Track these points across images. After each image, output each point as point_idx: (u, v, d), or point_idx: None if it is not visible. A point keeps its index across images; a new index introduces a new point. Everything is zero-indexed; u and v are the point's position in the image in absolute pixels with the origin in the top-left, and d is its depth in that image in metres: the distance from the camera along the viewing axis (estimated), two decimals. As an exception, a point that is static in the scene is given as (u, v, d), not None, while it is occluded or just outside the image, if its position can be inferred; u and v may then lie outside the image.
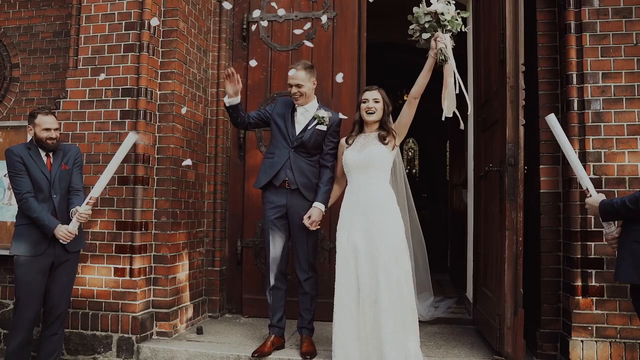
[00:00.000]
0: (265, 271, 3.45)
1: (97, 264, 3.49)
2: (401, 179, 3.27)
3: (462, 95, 3.01)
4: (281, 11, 3.60)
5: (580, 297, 2.96)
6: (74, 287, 3.26)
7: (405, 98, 3.08)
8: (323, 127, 3.23)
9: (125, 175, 3.49)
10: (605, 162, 3.00)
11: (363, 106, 3.08)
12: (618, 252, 2.37)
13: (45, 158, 3.01)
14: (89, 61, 3.62)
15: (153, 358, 3.35)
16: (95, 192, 2.93)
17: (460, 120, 3.08)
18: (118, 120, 3.54)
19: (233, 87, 3.14)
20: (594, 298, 2.95)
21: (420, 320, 3.06)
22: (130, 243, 3.45)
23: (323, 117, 3.22)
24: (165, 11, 3.72)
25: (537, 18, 3.37)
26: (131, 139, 2.97)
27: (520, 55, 2.97)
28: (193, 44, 3.94)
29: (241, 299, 4.20)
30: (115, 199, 3.50)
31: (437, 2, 2.82)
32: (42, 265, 2.91)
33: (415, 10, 2.89)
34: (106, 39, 3.61)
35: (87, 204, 2.92)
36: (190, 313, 3.86)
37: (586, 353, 2.91)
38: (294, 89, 3.23)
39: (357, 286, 2.90)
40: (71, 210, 2.94)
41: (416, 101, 3.01)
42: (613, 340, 2.91)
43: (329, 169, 3.26)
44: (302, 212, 3.16)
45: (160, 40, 3.70)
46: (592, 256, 2.96)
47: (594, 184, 2.62)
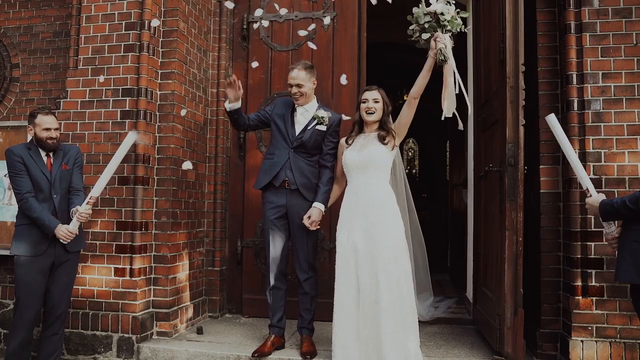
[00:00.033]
0: (265, 271, 3.45)
1: (98, 264, 3.49)
2: (401, 179, 3.27)
3: (462, 95, 3.02)
4: (283, 10, 3.60)
5: (580, 297, 2.97)
6: (74, 287, 3.26)
7: (405, 98, 3.07)
8: (323, 127, 3.24)
9: (125, 175, 3.49)
10: (605, 162, 3.00)
11: (363, 106, 3.08)
12: (618, 252, 2.37)
13: (45, 158, 3.02)
14: (89, 61, 3.63)
15: (153, 358, 3.35)
16: (95, 192, 2.93)
17: (458, 120, 3.08)
18: (118, 120, 3.55)
19: (234, 94, 3.15)
20: (594, 298, 2.95)
21: (420, 320, 3.06)
22: (130, 243, 3.46)
23: (323, 117, 3.22)
24: (165, 11, 3.73)
25: (537, 18, 3.38)
26: (131, 138, 2.98)
27: (520, 55, 2.97)
28: (193, 44, 3.94)
29: (241, 299, 4.20)
30: (115, 199, 3.51)
31: (437, 2, 2.82)
32: (43, 265, 2.91)
33: (414, 10, 2.89)
34: (106, 39, 3.61)
35: (88, 204, 2.92)
36: (190, 313, 3.86)
37: (586, 353, 2.91)
38: (295, 89, 3.23)
39: (357, 286, 2.90)
40: (71, 210, 2.95)
41: (416, 101, 3.01)
42: (613, 340, 2.91)
43: (329, 169, 3.26)
44: (302, 212, 3.16)
45: (160, 40, 3.70)
46: (592, 256, 2.97)
47: (594, 184, 2.62)
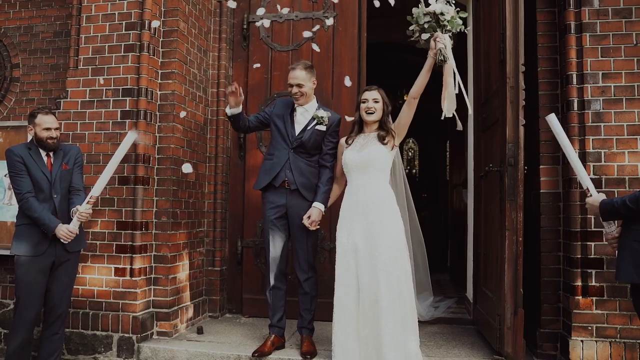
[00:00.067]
0: (265, 271, 3.45)
1: (98, 264, 3.49)
2: (401, 179, 3.27)
3: (462, 95, 3.01)
4: (285, 10, 3.60)
5: (580, 297, 2.97)
6: (75, 287, 3.26)
7: (405, 98, 3.07)
8: (322, 127, 3.24)
9: (125, 175, 3.49)
10: (605, 162, 3.00)
11: (362, 106, 3.08)
12: (618, 252, 2.37)
13: (45, 158, 3.02)
14: (90, 61, 3.63)
15: (153, 358, 3.35)
16: (95, 191, 2.93)
17: (457, 121, 3.07)
18: (118, 120, 3.55)
19: (235, 100, 3.17)
20: (594, 298, 2.95)
21: (419, 320, 3.05)
22: (130, 243, 3.46)
23: (322, 117, 3.22)
24: (165, 11, 3.73)
25: (537, 18, 3.38)
26: (131, 138, 2.97)
27: (520, 55, 2.97)
28: (193, 44, 3.95)
29: (241, 299, 4.20)
30: (115, 199, 3.51)
31: (436, 3, 2.81)
32: (43, 265, 2.91)
33: (414, 11, 2.89)
34: (107, 39, 3.61)
35: (88, 203, 2.92)
36: (190, 313, 3.86)
37: (586, 353, 2.91)
38: (295, 89, 3.23)
39: (357, 286, 2.90)
40: (72, 209, 2.95)
41: (415, 101, 3.01)
42: (613, 340, 2.91)
43: (328, 169, 3.26)
44: (302, 212, 3.16)
45: (160, 40, 3.70)
46: (592, 256, 2.97)
47: (594, 184, 2.61)
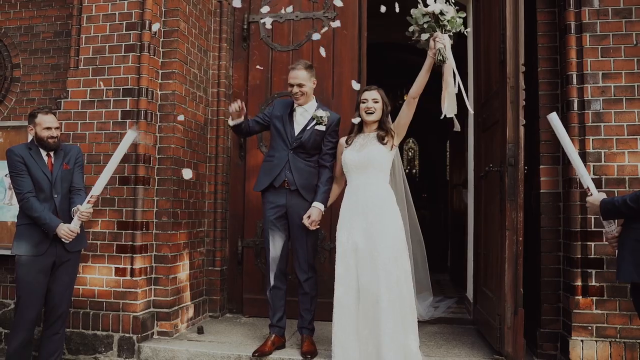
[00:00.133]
0: (265, 271, 3.45)
1: (98, 264, 3.50)
2: (400, 179, 3.27)
3: (462, 95, 3.01)
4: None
5: (580, 297, 2.97)
6: (75, 287, 3.27)
7: (405, 98, 3.07)
8: (322, 127, 3.24)
9: (126, 175, 3.50)
10: (605, 162, 3.01)
11: (362, 106, 3.08)
12: (618, 251, 2.37)
13: (46, 158, 3.02)
14: (90, 61, 3.63)
15: (154, 358, 3.36)
16: (96, 191, 2.93)
17: (455, 122, 3.06)
18: (119, 120, 3.55)
19: (238, 116, 3.20)
20: (594, 298, 2.95)
21: (419, 320, 3.05)
22: (131, 243, 3.46)
23: (321, 117, 3.22)
24: (166, 11, 3.73)
25: (537, 19, 3.38)
26: (130, 137, 2.97)
27: (520, 55, 2.97)
28: (194, 44, 3.95)
29: (242, 299, 4.20)
30: (116, 199, 3.51)
31: (436, 3, 2.81)
32: (44, 265, 2.91)
33: (413, 11, 2.88)
34: (107, 39, 3.62)
35: (88, 203, 2.92)
36: (191, 313, 3.87)
37: (586, 353, 2.92)
38: (295, 89, 3.23)
39: (357, 286, 2.90)
40: (72, 209, 2.95)
41: (415, 101, 3.01)
42: (613, 340, 2.92)
43: (328, 169, 3.26)
44: (302, 212, 3.16)
45: (161, 40, 3.71)
46: (592, 256, 2.97)
47: (594, 184, 2.61)
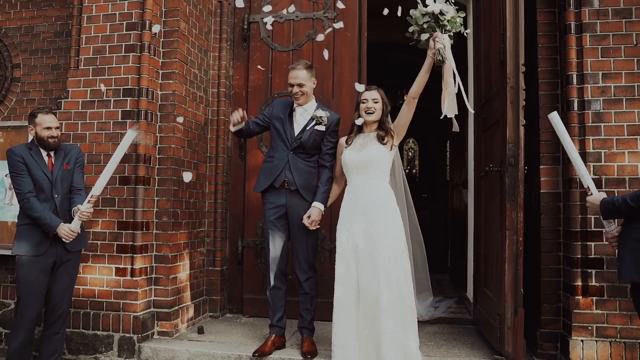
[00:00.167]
0: (265, 271, 3.45)
1: (99, 264, 3.50)
2: (400, 180, 3.26)
3: (461, 95, 3.01)
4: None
5: (580, 297, 2.97)
6: (76, 287, 3.27)
7: (405, 98, 3.07)
8: (322, 128, 3.24)
9: (126, 175, 3.50)
10: (605, 163, 3.01)
11: (362, 106, 3.08)
12: (618, 251, 2.36)
13: (46, 158, 3.02)
14: (90, 61, 3.63)
15: (154, 358, 3.36)
16: (96, 190, 2.93)
17: (454, 122, 3.06)
18: (119, 120, 3.55)
19: (239, 122, 3.20)
20: (594, 298, 2.96)
21: (419, 320, 3.05)
22: (131, 243, 3.46)
23: (321, 117, 3.22)
24: (166, 12, 3.73)
25: (538, 19, 3.38)
26: (130, 136, 2.97)
27: (520, 55, 2.97)
28: (194, 44, 3.95)
29: (242, 299, 4.20)
30: (116, 199, 3.51)
31: (435, 3, 2.81)
32: (44, 265, 2.91)
33: (412, 12, 2.88)
34: (107, 39, 3.62)
35: (89, 202, 2.92)
36: (191, 313, 3.87)
37: (586, 353, 2.92)
38: (296, 89, 3.23)
39: (357, 286, 2.90)
40: (73, 209, 2.95)
41: (415, 101, 3.01)
42: (613, 340, 2.92)
43: (328, 169, 3.26)
44: (302, 212, 3.16)
45: (161, 40, 3.71)
46: (592, 256, 2.97)
47: (594, 184, 2.61)
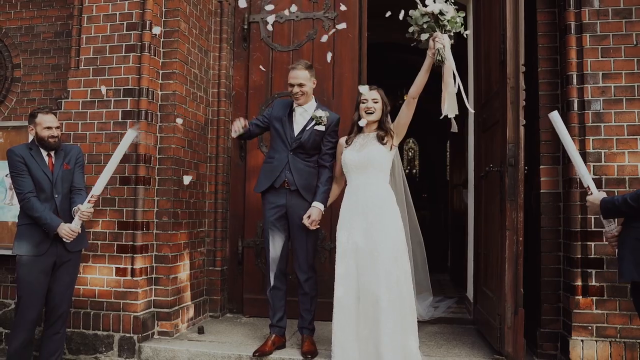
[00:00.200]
0: (265, 271, 3.46)
1: (99, 264, 3.50)
2: (400, 180, 3.26)
3: (461, 96, 3.01)
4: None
5: (580, 297, 2.97)
6: (76, 287, 3.27)
7: (405, 98, 3.07)
8: (321, 128, 3.24)
9: (126, 175, 3.50)
10: (605, 163, 3.01)
11: (362, 106, 3.07)
12: (619, 251, 2.36)
13: (46, 158, 3.02)
14: (91, 61, 3.63)
15: (154, 357, 3.36)
16: (96, 190, 2.93)
17: (453, 123, 3.05)
18: (120, 120, 3.55)
19: (240, 131, 3.21)
20: (594, 298, 2.96)
21: (419, 320, 3.05)
22: (131, 243, 3.46)
23: (321, 117, 3.22)
24: (166, 12, 3.73)
25: (538, 19, 3.38)
26: (131, 136, 2.97)
27: (520, 56, 2.97)
28: (194, 45, 3.95)
29: (242, 299, 4.20)
30: (116, 199, 3.51)
31: (435, 3, 2.81)
32: (45, 265, 2.92)
33: (411, 12, 2.87)
34: (108, 40, 3.62)
35: (89, 202, 2.92)
36: (191, 313, 3.87)
37: (586, 352, 2.92)
38: (296, 89, 3.23)
39: (357, 286, 2.90)
40: (73, 208, 2.95)
41: (414, 101, 3.01)
42: (613, 339, 2.92)
43: (328, 169, 3.26)
44: (302, 212, 3.16)
45: (161, 40, 3.71)
46: (592, 256, 2.97)
47: (595, 184, 2.61)
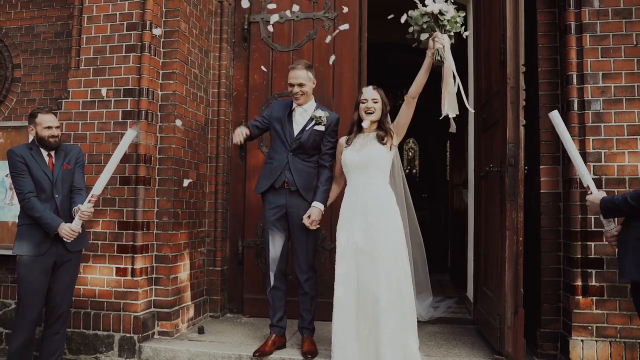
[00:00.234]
0: (266, 271, 3.46)
1: (99, 264, 3.50)
2: (400, 180, 3.26)
3: (461, 96, 3.01)
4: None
5: (580, 297, 2.98)
6: (76, 287, 3.27)
7: (405, 98, 3.07)
8: (321, 128, 3.24)
9: (127, 175, 3.50)
10: (605, 163, 3.01)
11: (362, 106, 3.07)
12: (619, 250, 2.36)
13: (47, 158, 3.02)
14: (91, 62, 3.63)
15: (155, 357, 3.36)
16: (96, 190, 2.92)
17: (452, 123, 3.05)
18: (120, 120, 3.55)
19: (242, 142, 3.22)
20: (594, 298, 2.96)
21: (419, 320, 3.05)
22: (132, 243, 3.47)
23: (320, 117, 3.22)
24: (166, 12, 3.74)
25: (538, 19, 3.39)
26: (130, 135, 2.97)
27: (520, 56, 2.97)
28: (194, 45, 3.95)
29: (242, 299, 4.21)
30: (117, 199, 3.51)
31: (435, 3, 2.81)
32: (45, 264, 2.92)
33: (410, 13, 2.87)
34: (108, 40, 3.62)
35: (89, 202, 2.92)
36: (191, 313, 3.87)
37: (586, 352, 2.92)
38: (296, 88, 3.23)
39: (357, 286, 2.90)
40: (73, 208, 2.95)
41: (414, 101, 3.01)
42: (613, 339, 2.92)
43: (327, 169, 3.26)
44: (302, 213, 3.16)
45: (161, 40, 3.71)
46: (592, 256, 2.98)
47: (594, 184, 2.61)
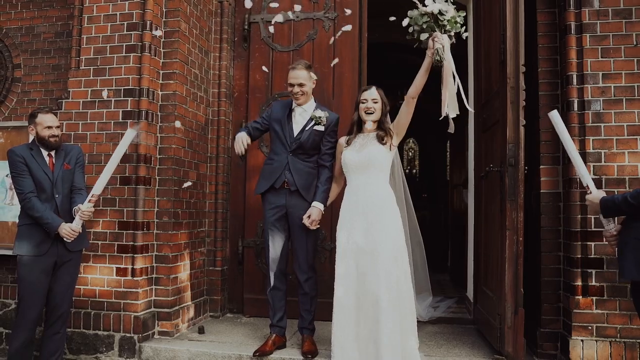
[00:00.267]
0: (266, 271, 3.46)
1: (99, 264, 3.50)
2: (400, 181, 3.27)
3: (461, 96, 3.00)
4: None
5: (580, 297, 2.98)
6: (76, 287, 3.28)
7: (405, 98, 3.07)
8: (321, 128, 3.24)
9: (127, 175, 3.50)
10: (605, 163, 3.01)
11: (362, 106, 3.07)
12: (620, 250, 2.36)
13: (47, 158, 3.02)
14: (91, 62, 3.64)
15: (155, 357, 3.36)
16: (96, 190, 2.92)
17: (450, 123, 3.05)
18: (120, 120, 3.56)
19: (243, 153, 3.23)
20: (594, 298, 2.96)
21: (419, 320, 3.06)
22: (132, 243, 3.47)
23: (320, 117, 3.23)
24: (167, 12, 3.74)
25: (538, 19, 3.39)
26: (130, 135, 2.97)
27: (520, 56, 2.97)
28: (195, 45, 3.95)
29: (242, 299, 4.21)
30: (117, 199, 3.52)
31: (435, 3, 2.81)
32: (45, 264, 2.92)
33: (410, 13, 2.87)
34: (108, 40, 3.62)
35: (89, 202, 2.92)
36: (191, 313, 3.87)
37: (586, 352, 2.93)
38: (296, 88, 3.23)
39: (357, 286, 2.90)
40: (74, 208, 2.96)
41: (414, 101, 3.00)
42: (613, 339, 2.93)
43: (327, 169, 3.26)
44: (302, 213, 3.16)
45: (162, 41, 3.71)
46: (592, 256, 2.98)
47: (594, 184, 2.61)
